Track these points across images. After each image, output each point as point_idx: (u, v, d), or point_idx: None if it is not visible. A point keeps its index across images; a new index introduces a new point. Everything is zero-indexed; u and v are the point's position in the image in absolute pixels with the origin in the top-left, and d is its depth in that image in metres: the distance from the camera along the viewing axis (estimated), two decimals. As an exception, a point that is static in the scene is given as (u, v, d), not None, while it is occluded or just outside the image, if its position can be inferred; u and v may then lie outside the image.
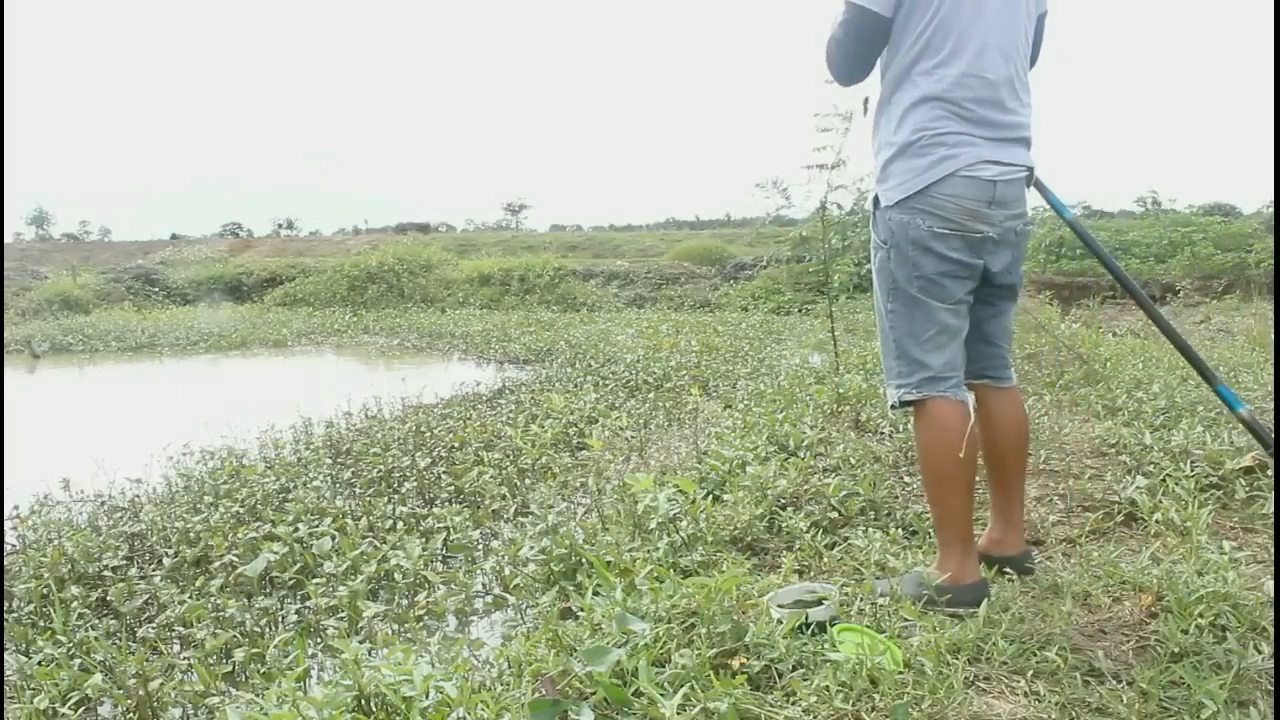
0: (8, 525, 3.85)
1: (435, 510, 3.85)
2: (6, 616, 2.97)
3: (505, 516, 3.92)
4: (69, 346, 12.67)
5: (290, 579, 3.18)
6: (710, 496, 2.97)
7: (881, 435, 3.78)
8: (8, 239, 38.28)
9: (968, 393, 2.06)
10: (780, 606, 1.94)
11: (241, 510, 3.87)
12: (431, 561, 3.31)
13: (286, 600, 3.13)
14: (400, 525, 3.63)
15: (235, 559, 3.28)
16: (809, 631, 1.84)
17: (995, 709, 1.58)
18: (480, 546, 3.54)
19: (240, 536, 3.44)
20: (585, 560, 2.56)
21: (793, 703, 1.59)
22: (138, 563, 3.49)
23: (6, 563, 3.37)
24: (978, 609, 1.86)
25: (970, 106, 1.92)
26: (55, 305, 17.59)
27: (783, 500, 2.85)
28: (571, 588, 2.46)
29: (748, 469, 3.14)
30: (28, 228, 58.52)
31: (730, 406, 5.61)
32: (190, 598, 3.00)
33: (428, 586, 3.04)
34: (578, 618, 2.02)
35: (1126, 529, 2.57)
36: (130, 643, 2.72)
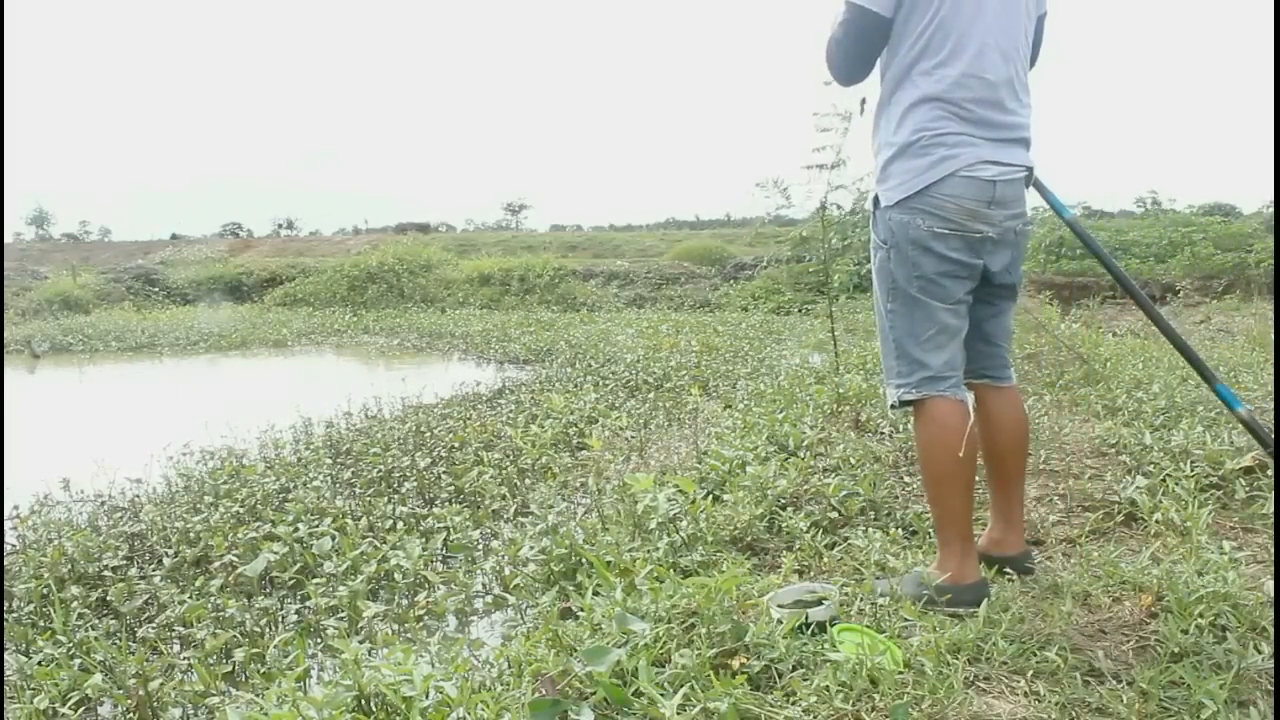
0: (8, 525, 3.85)
1: (435, 510, 3.85)
2: (6, 616, 2.97)
3: (505, 516, 3.92)
4: (69, 346, 12.67)
5: (290, 579, 3.18)
6: (710, 496, 2.97)
7: (881, 435, 3.78)
8: (8, 239, 38.30)
9: (967, 392, 2.06)
10: (780, 606, 1.94)
11: (241, 510, 3.87)
12: (431, 561, 3.31)
13: (286, 600, 3.13)
14: (400, 525, 3.63)
15: (235, 559, 3.28)
16: (809, 631, 1.84)
17: (995, 709, 1.58)
18: (480, 546, 3.54)
19: (240, 536, 3.45)
20: (585, 560, 2.56)
21: (793, 703, 1.59)
22: (138, 563, 3.49)
23: (6, 563, 3.38)
24: (978, 609, 1.86)
25: (970, 107, 1.93)
26: (55, 305, 17.59)
27: (783, 500, 2.85)
28: (571, 588, 2.46)
29: (748, 469, 3.14)
30: (28, 228, 58.59)
31: (730, 406, 5.61)
32: (190, 598, 3.00)
33: (428, 586, 3.04)
34: (578, 618, 2.02)
35: (1126, 529, 2.57)
36: (130, 643, 2.72)
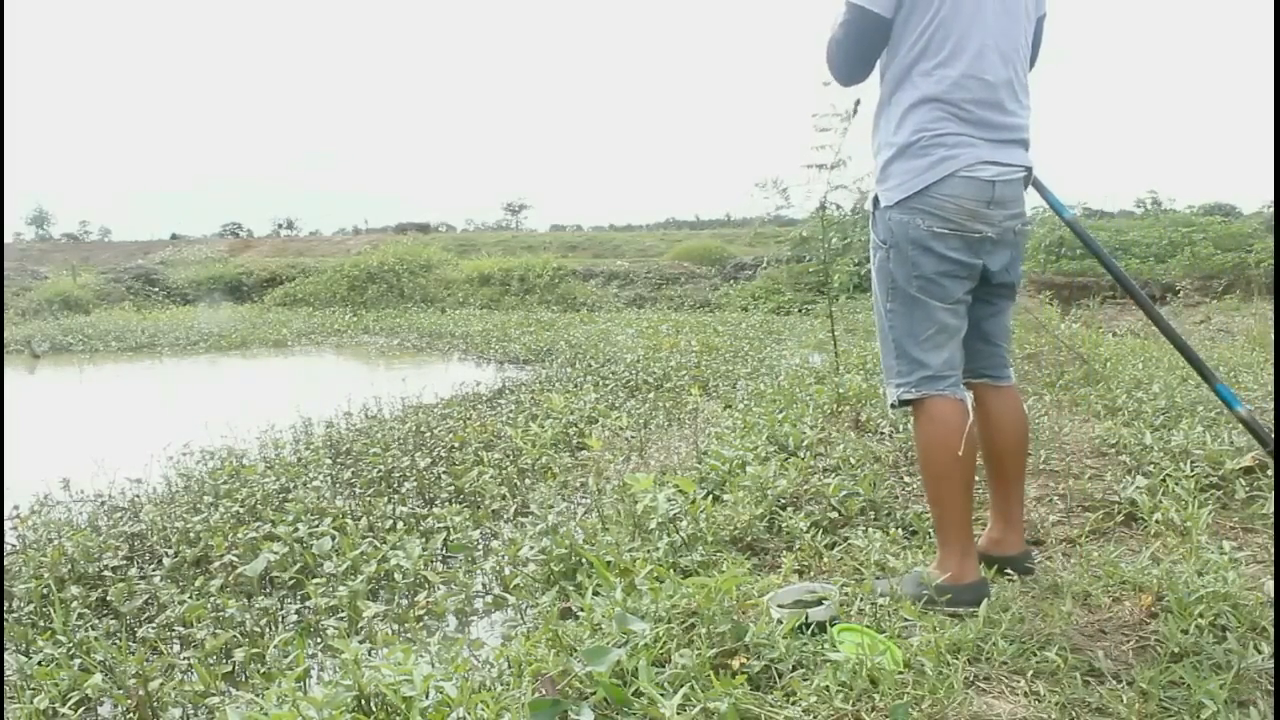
0: (8, 525, 3.85)
1: (435, 510, 3.85)
2: (6, 616, 2.97)
3: (505, 516, 3.92)
4: (69, 346, 12.67)
5: (290, 579, 3.18)
6: (710, 496, 2.97)
7: (881, 435, 3.78)
8: (8, 239, 38.31)
9: (966, 391, 2.06)
10: (780, 606, 1.94)
11: (241, 510, 3.87)
12: (431, 561, 3.31)
13: (286, 600, 3.13)
14: (400, 525, 3.63)
15: (235, 559, 3.28)
16: (809, 631, 1.84)
17: (995, 709, 1.58)
18: (480, 546, 3.54)
19: (240, 536, 3.45)
20: (585, 560, 2.56)
21: (793, 703, 1.59)
22: (138, 563, 3.49)
23: (6, 563, 3.38)
24: (978, 609, 1.86)
25: (969, 108, 1.93)
26: (55, 305, 17.59)
27: (783, 500, 2.85)
28: (571, 588, 2.45)
29: (748, 469, 3.14)
30: (28, 228, 58.59)
31: (730, 406, 5.61)
32: (190, 598, 3.00)
33: (428, 586, 3.04)
34: (578, 618, 2.02)
35: (1126, 529, 2.57)
36: (130, 643, 2.72)
